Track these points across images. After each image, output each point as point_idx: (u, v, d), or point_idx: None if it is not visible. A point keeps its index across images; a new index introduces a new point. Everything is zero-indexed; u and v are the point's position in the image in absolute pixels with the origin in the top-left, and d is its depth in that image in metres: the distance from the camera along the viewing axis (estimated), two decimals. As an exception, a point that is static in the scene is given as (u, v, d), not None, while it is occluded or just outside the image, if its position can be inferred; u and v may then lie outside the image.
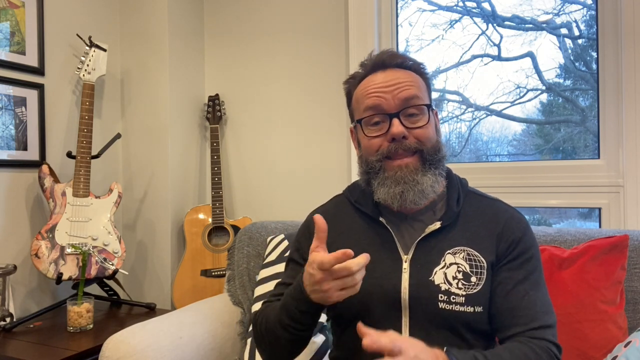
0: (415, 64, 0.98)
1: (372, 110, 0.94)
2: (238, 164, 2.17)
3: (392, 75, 0.95)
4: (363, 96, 0.96)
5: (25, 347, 1.38)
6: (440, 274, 0.90)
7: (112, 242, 1.73)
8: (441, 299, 0.88)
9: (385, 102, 0.93)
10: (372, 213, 0.98)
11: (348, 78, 1.03)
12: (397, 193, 0.91)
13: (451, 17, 1.87)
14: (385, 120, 0.93)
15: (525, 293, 0.89)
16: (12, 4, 1.69)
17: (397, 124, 0.91)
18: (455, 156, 1.88)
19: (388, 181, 0.92)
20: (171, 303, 2.00)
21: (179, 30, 2.08)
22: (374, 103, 0.93)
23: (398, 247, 0.94)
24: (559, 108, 1.73)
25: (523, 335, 0.86)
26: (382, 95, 0.93)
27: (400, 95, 0.92)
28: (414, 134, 0.92)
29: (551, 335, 0.87)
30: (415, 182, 0.91)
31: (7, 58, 1.67)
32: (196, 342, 1.32)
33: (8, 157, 1.68)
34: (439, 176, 0.94)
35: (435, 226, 0.93)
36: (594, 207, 1.60)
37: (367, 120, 0.95)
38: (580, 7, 1.67)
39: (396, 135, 0.91)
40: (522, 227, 0.95)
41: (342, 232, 1.01)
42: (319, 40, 1.98)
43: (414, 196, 0.91)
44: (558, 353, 0.86)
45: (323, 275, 0.79)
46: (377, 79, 0.95)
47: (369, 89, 0.95)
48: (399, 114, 0.92)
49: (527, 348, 0.84)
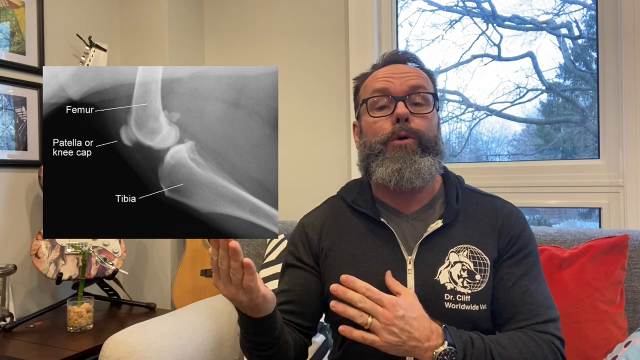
0: (426, 68, 1.01)
1: (380, 93, 0.95)
2: (238, 164, 2.17)
3: (402, 68, 0.97)
4: (371, 81, 0.98)
5: (25, 347, 1.38)
6: (445, 273, 0.90)
7: (112, 242, 1.73)
8: (447, 298, 0.88)
9: (393, 87, 0.94)
10: (372, 213, 0.97)
11: (358, 75, 1.05)
12: (395, 170, 0.91)
13: (451, 17, 1.87)
14: (391, 103, 0.94)
15: (526, 288, 0.89)
16: (12, 4, 1.69)
17: (402, 105, 0.92)
18: (455, 156, 1.88)
19: (387, 161, 0.92)
20: (171, 303, 2.00)
21: (179, 30, 2.08)
22: (382, 86, 0.95)
23: (401, 248, 0.93)
24: (559, 108, 1.73)
25: (526, 329, 0.87)
26: (391, 80, 0.95)
27: (409, 82, 0.94)
28: (416, 121, 0.93)
29: (554, 328, 0.87)
30: (413, 161, 0.91)
31: (7, 58, 1.67)
32: (196, 342, 1.32)
33: (8, 157, 1.68)
34: (436, 163, 0.94)
35: (437, 225, 0.93)
36: (594, 207, 1.60)
37: (373, 102, 0.96)
38: (580, 7, 1.67)
39: (401, 116, 0.91)
40: (520, 222, 0.96)
41: (343, 235, 0.99)
42: (319, 40, 1.98)
43: (410, 174, 0.90)
44: (561, 346, 0.86)
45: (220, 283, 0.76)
46: (387, 68, 0.98)
47: (378, 74, 0.98)
48: (405, 98, 0.93)
49: (528, 338, 0.84)
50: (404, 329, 0.75)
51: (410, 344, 0.75)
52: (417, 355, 0.77)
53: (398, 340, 0.75)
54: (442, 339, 0.78)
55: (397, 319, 0.75)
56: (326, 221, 1.03)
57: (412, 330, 0.76)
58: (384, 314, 0.75)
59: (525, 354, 0.81)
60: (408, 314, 0.76)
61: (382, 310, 0.76)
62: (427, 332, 0.77)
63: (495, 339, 0.83)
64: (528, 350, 0.82)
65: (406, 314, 0.76)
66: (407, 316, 0.76)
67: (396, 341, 0.75)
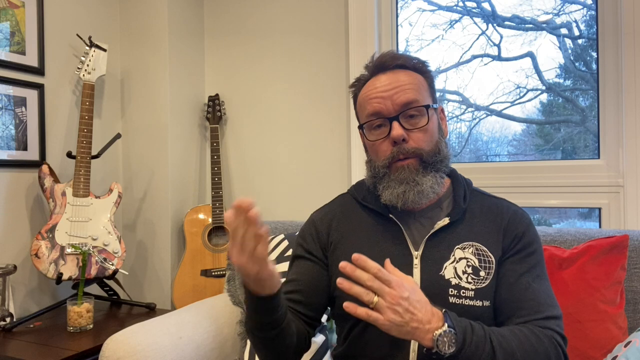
0: (418, 63, 1.00)
1: (374, 116, 0.98)
2: (238, 164, 2.17)
3: (392, 78, 0.97)
4: (365, 101, 1.00)
5: (25, 347, 1.38)
6: (450, 268, 0.92)
7: (112, 242, 1.73)
8: (451, 293, 0.90)
9: (385, 108, 0.96)
10: (381, 210, 1.00)
11: (353, 82, 1.06)
12: (399, 193, 0.94)
13: (451, 17, 1.87)
14: (386, 123, 0.96)
15: (528, 285, 0.90)
16: (12, 4, 1.69)
17: (396, 126, 0.94)
18: (455, 156, 1.88)
19: (392, 183, 0.95)
20: (171, 303, 2.00)
21: (179, 30, 2.08)
22: (374, 110, 0.97)
23: (408, 243, 0.96)
24: (559, 108, 1.73)
25: (528, 324, 0.87)
26: (382, 101, 0.96)
27: (399, 100, 0.95)
28: (413, 137, 0.95)
29: (556, 325, 0.87)
30: (415, 183, 0.94)
31: (7, 58, 1.67)
32: (196, 342, 1.32)
33: (8, 157, 1.68)
34: (439, 178, 0.96)
35: (444, 222, 0.95)
36: (594, 207, 1.60)
37: (369, 125, 0.99)
38: (580, 7, 1.67)
39: (396, 139, 0.94)
40: (525, 222, 0.97)
41: (352, 229, 1.02)
42: (319, 40, 1.98)
43: (414, 196, 0.93)
44: (562, 343, 0.86)
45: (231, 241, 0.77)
46: (378, 82, 0.98)
47: (369, 94, 0.99)
48: (399, 117, 0.95)
49: (529, 331, 0.85)
50: (408, 309, 0.76)
51: (412, 325, 0.76)
52: (417, 336, 0.77)
53: (401, 320, 0.76)
54: (443, 322, 0.79)
55: (402, 299, 0.76)
56: (335, 216, 1.06)
57: (415, 312, 0.76)
58: (390, 293, 0.76)
59: (525, 345, 0.82)
60: (412, 296, 0.77)
61: (389, 290, 0.76)
62: (429, 314, 0.78)
63: (495, 329, 0.84)
64: (528, 342, 0.83)
65: (411, 296, 0.77)
66: (412, 298, 0.77)
67: (399, 321, 0.76)
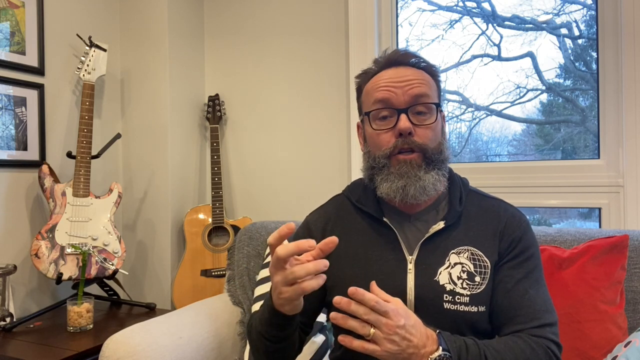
0: (429, 65, 0.99)
1: (381, 104, 0.94)
2: (238, 164, 2.17)
3: (404, 72, 0.95)
4: (373, 89, 0.96)
5: (25, 347, 1.38)
6: (445, 274, 0.90)
7: (112, 242, 1.73)
8: (446, 299, 0.88)
9: (395, 97, 0.93)
10: (375, 213, 0.98)
11: (360, 73, 1.03)
12: (399, 187, 0.91)
13: (451, 17, 1.87)
14: (394, 115, 0.93)
15: (525, 292, 0.89)
16: (12, 4, 1.69)
17: (404, 119, 0.91)
18: (455, 156, 1.88)
19: (391, 176, 0.92)
20: (171, 303, 2.00)
21: (179, 30, 2.08)
22: (384, 97, 0.93)
23: (402, 248, 0.94)
24: (559, 108, 1.73)
25: (522, 333, 0.86)
26: (393, 89, 0.93)
27: (411, 92, 0.92)
28: (419, 133, 0.93)
29: (551, 333, 0.87)
30: (418, 178, 0.91)
31: (7, 58, 1.67)
32: (196, 342, 1.32)
33: (8, 157, 1.68)
34: (441, 176, 0.94)
35: (439, 226, 0.93)
36: (594, 207, 1.60)
37: (375, 114, 0.95)
38: (580, 7, 1.67)
39: (403, 131, 0.91)
40: (522, 226, 0.95)
41: (345, 233, 1.00)
42: (319, 40, 1.98)
43: (415, 191, 0.91)
44: (557, 351, 0.86)
45: (275, 267, 0.77)
46: (389, 74, 0.95)
47: (379, 82, 0.95)
48: (408, 110, 0.92)
49: (523, 342, 0.84)
50: (404, 337, 0.75)
51: (409, 352, 0.76)
52: None
53: (398, 348, 0.75)
54: (437, 345, 0.78)
55: (399, 328, 0.75)
56: (330, 219, 1.04)
57: (411, 338, 0.76)
58: (387, 324, 0.75)
59: (520, 359, 0.82)
60: (407, 322, 0.76)
61: (386, 320, 0.75)
62: (424, 338, 0.78)
63: (490, 343, 0.83)
64: (523, 355, 0.82)
65: (406, 323, 0.76)
66: (407, 325, 0.76)
67: (396, 350, 0.75)
